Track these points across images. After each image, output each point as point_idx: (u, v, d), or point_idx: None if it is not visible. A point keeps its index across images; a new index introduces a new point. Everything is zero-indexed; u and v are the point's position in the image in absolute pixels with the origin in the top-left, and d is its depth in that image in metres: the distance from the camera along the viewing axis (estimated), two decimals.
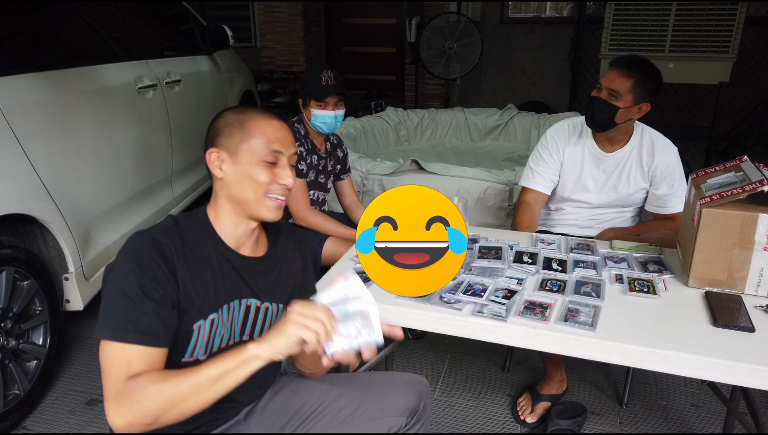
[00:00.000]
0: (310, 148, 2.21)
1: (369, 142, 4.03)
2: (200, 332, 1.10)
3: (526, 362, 2.37)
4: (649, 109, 1.86)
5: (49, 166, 2.11)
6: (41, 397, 2.13)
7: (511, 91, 6.32)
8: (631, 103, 1.82)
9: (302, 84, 2.20)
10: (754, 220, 1.40)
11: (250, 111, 1.17)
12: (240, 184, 1.14)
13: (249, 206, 1.14)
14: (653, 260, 1.67)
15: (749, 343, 1.26)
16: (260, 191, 1.13)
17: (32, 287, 2.03)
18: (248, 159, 1.13)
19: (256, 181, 1.13)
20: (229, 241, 1.17)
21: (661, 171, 1.92)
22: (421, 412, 1.32)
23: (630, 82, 1.79)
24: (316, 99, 2.13)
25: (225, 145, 1.15)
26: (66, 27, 2.56)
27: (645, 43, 4.11)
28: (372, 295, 1.04)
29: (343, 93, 2.16)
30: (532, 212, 2.02)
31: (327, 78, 2.12)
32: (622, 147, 1.95)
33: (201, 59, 3.77)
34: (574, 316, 1.35)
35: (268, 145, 1.13)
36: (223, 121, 1.17)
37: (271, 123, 1.16)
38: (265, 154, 1.13)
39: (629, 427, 2.02)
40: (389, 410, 1.28)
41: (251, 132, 1.14)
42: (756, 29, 4.90)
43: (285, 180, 1.15)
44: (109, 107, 2.55)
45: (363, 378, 1.38)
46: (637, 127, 1.96)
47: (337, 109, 2.16)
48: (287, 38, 6.64)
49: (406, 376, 1.39)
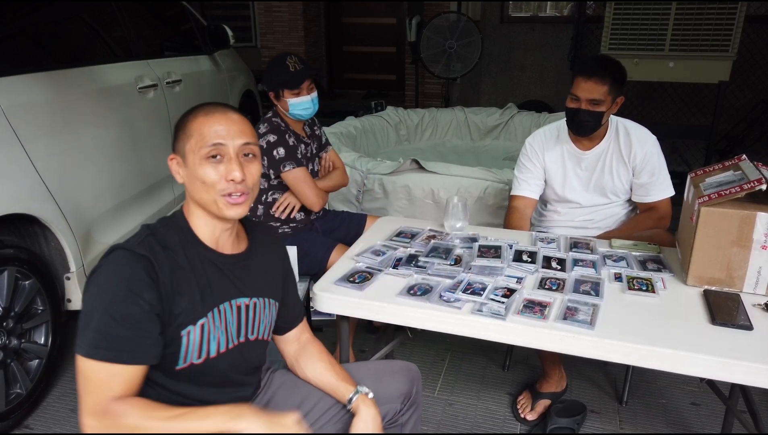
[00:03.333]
0: (296, 138, 2.14)
1: (369, 142, 4.03)
2: (190, 338, 1.09)
3: (526, 361, 2.38)
4: (624, 100, 1.93)
5: (51, 166, 2.12)
6: (43, 396, 2.14)
7: (511, 91, 6.31)
8: (611, 103, 1.89)
9: (269, 76, 2.10)
10: (753, 219, 1.40)
11: (196, 109, 1.14)
12: (194, 187, 1.11)
13: (209, 207, 1.12)
14: (652, 259, 1.67)
15: (747, 341, 1.27)
16: (212, 191, 1.09)
17: (34, 287, 2.04)
18: (192, 160, 1.10)
19: (204, 182, 1.09)
20: (209, 243, 1.15)
21: (640, 160, 1.95)
22: (414, 397, 1.36)
23: (606, 86, 1.84)
24: (291, 87, 2.05)
25: (178, 150, 1.13)
26: (67, 27, 2.56)
27: (645, 42, 4.11)
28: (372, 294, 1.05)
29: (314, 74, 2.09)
30: (521, 214, 2.06)
31: (293, 63, 2.05)
32: (599, 143, 1.99)
33: (201, 59, 3.78)
34: (573, 314, 1.36)
35: (205, 141, 1.08)
36: (177, 126, 1.15)
37: (211, 117, 1.11)
38: (205, 151, 1.08)
39: (629, 426, 2.03)
40: (384, 397, 1.31)
41: (190, 132, 1.11)
42: (756, 28, 4.89)
43: (230, 174, 1.09)
44: (110, 107, 2.56)
45: (356, 368, 1.40)
46: (612, 121, 2.00)
47: (311, 92, 2.09)
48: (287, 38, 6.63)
49: (397, 363, 1.42)
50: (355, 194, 3.01)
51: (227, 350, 1.15)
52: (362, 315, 1.53)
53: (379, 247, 1.77)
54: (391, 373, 1.37)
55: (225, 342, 1.15)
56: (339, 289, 1.52)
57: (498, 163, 3.88)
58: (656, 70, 4.15)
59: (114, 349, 1.00)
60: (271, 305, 1.26)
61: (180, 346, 1.08)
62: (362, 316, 1.54)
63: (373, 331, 2.54)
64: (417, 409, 1.38)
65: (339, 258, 1.74)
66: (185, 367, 1.10)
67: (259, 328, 1.23)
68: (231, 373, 1.19)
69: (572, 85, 1.89)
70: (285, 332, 1.36)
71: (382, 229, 1.94)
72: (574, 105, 1.89)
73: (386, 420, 1.32)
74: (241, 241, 1.23)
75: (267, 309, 1.25)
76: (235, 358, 1.18)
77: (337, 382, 1.28)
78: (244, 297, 1.18)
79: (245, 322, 1.19)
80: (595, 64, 1.88)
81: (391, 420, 1.34)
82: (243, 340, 1.19)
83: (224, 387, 1.19)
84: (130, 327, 1.01)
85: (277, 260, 1.31)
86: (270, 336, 1.29)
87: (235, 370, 1.20)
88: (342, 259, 1.72)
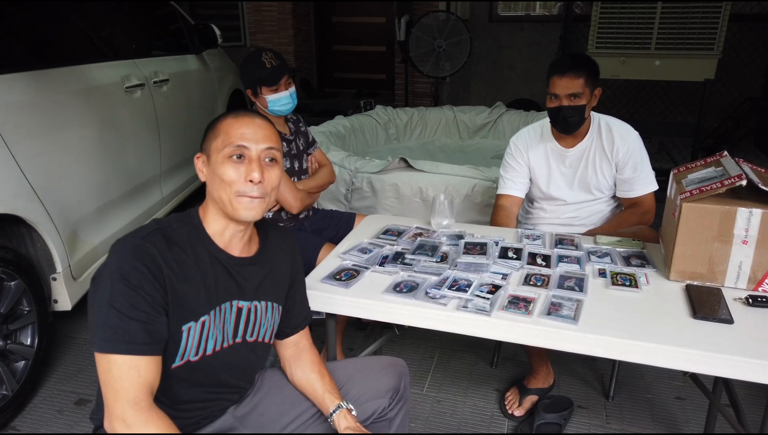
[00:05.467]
0: None
1: (358, 141, 4.03)
2: (190, 334, 1.10)
3: (514, 357, 2.39)
4: (601, 92, 1.97)
5: (36, 166, 2.11)
6: (30, 397, 2.13)
7: (500, 89, 6.34)
8: (590, 95, 1.92)
9: (245, 74, 2.08)
10: (733, 214, 1.42)
11: (231, 112, 1.18)
12: (213, 184, 1.15)
13: (224, 206, 1.14)
14: (636, 255, 1.69)
15: (728, 335, 1.29)
16: (231, 190, 1.12)
17: (19, 287, 2.03)
18: (215, 158, 1.14)
19: (223, 180, 1.12)
20: (219, 242, 1.17)
21: (622, 155, 1.97)
22: (402, 392, 1.37)
23: (581, 79, 1.88)
24: (268, 84, 2.03)
25: (205, 149, 1.17)
26: (53, 26, 2.55)
27: (631, 41, 4.14)
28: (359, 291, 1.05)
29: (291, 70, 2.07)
30: (508, 213, 2.08)
31: (269, 59, 2.02)
32: (582, 140, 2.01)
33: (189, 58, 3.76)
34: (557, 309, 1.37)
35: (230, 141, 1.12)
36: (207, 127, 1.19)
37: (240, 120, 1.15)
38: (229, 150, 1.12)
39: (615, 420, 2.05)
40: (372, 393, 1.32)
41: (218, 131, 1.15)
42: (741, 27, 4.94)
43: (250, 175, 1.12)
44: (96, 107, 2.54)
45: (344, 365, 1.41)
46: (594, 118, 2.02)
47: (289, 87, 2.07)
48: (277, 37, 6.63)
49: (384, 359, 1.43)
50: (344, 193, 3.01)
51: (221, 349, 1.16)
52: (349, 312, 1.53)
53: (366, 244, 1.78)
54: (378, 368, 1.38)
55: (221, 341, 1.16)
56: (325, 287, 1.53)
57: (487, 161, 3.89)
58: (643, 68, 4.18)
59: (126, 342, 1.01)
60: (274, 309, 1.26)
61: (180, 341, 1.09)
62: (349, 314, 1.54)
63: (362, 328, 2.55)
64: (405, 404, 1.40)
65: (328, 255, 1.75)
66: (181, 364, 1.11)
67: (260, 331, 1.24)
68: (223, 373, 1.19)
69: (548, 86, 1.93)
70: (286, 337, 1.36)
71: (369, 227, 1.95)
72: (554, 104, 1.92)
73: (375, 415, 1.33)
74: (252, 244, 1.24)
75: (269, 313, 1.25)
76: (229, 357, 1.18)
77: (323, 394, 1.28)
78: (245, 300, 1.20)
79: (244, 324, 1.20)
80: (566, 61, 1.92)
81: (380, 415, 1.35)
82: (240, 340, 1.20)
83: (213, 388, 1.20)
84: (138, 319, 1.02)
85: (287, 265, 1.31)
86: (272, 339, 1.30)
87: (229, 370, 1.20)
88: (329, 257, 1.72)
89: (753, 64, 5.22)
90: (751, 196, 1.44)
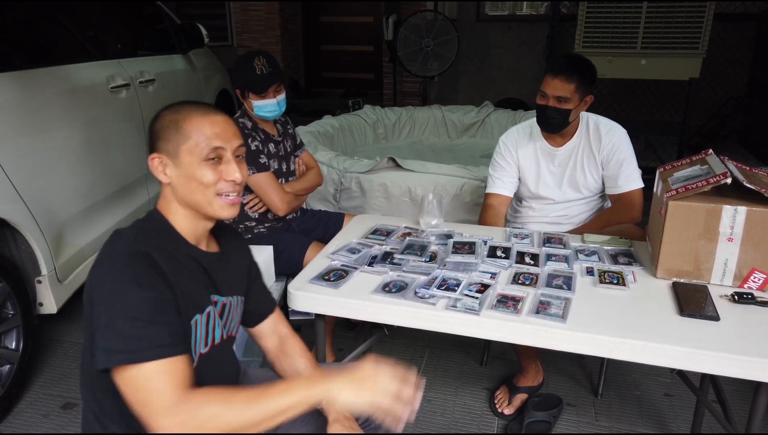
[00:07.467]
0: (264, 138, 2.09)
1: (347, 140, 4.03)
2: (198, 327, 1.09)
3: (503, 356, 2.40)
4: (593, 99, 1.95)
5: (20, 167, 2.08)
6: (15, 401, 2.10)
7: (488, 89, 6.36)
8: (578, 101, 1.91)
9: (236, 75, 2.06)
10: (719, 212, 1.43)
11: (185, 109, 1.12)
12: (187, 187, 1.10)
13: (202, 208, 1.11)
14: (623, 253, 1.70)
15: (715, 332, 1.30)
16: (209, 192, 1.10)
17: (3, 290, 2.00)
18: (189, 160, 1.09)
19: (202, 183, 1.09)
20: (191, 240, 1.15)
21: (608, 151, 1.98)
22: None
23: (573, 85, 1.87)
24: (256, 92, 2.01)
25: (165, 149, 1.11)
26: (37, 26, 2.51)
27: (617, 41, 4.17)
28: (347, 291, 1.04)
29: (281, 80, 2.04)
30: (496, 212, 2.08)
31: (261, 66, 1.99)
32: (571, 139, 2.02)
33: (176, 58, 3.73)
34: (545, 308, 1.37)
35: (207, 142, 1.09)
36: (160, 124, 1.13)
37: (208, 118, 1.11)
38: (206, 152, 1.09)
39: (604, 418, 2.06)
40: None
41: (188, 132, 1.09)
42: (725, 26, 4.99)
43: (231, 175, 1.11)
44: (81, 107, 2.51)
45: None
46: (582, 117, 2.03)
47: (278, 95, 2.05)
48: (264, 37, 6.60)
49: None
50: (333, 193, 3.00)
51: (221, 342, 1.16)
52: (338, 313, 1.53)
53: (355, 244, 1.77)
54: None
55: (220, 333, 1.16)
56: (314, 288, 1.52)
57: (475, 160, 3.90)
58: (629, 67, 4.21)
59: (151, 347, 0.96)
60: (239, 302, 1.26)
61: (190, 336, 1.07)
62: (338, 314, 1.53)
63: (351, 329, 2.54)
64: None
65: (315, 256, 1.74)
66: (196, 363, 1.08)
67: (232, 326, 1.24)
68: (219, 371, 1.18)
69: (542, 81, 1.92)
70: (256, 324, 1.35)
71: (357, 227, 1.94)
72: (542, 102, 1.92)
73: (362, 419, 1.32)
74: (211, 240, 1.23)
75: (239, 307, 1.25)
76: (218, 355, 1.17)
77: None
78: (222, 295, 1.18)
79: (225, 319, 1.19)
80: (563, 63, 1.91)
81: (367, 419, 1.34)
82: (226, 337, 1.19)
83: None
84: (157, 322, 0.98)
85: (243, 257, 1.31)
86: (237, 332, 1.28)
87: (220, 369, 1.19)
88: (317, 258, 1.71)
89: (737, 63, 5.28)
90: (737, 194, 1.45)
